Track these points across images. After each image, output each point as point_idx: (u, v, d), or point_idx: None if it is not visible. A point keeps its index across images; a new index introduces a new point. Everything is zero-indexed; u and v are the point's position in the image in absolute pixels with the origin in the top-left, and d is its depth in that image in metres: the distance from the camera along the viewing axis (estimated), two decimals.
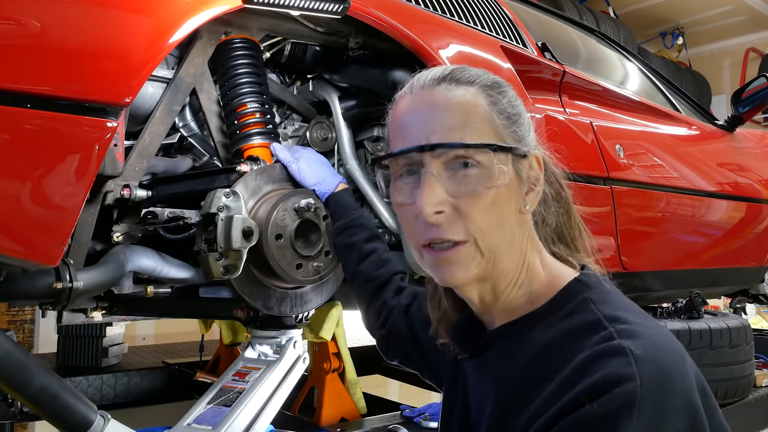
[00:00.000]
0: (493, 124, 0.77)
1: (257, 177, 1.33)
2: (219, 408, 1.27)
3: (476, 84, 0.79)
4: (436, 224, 0.75)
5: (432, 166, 0.75)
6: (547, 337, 0.74)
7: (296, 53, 1.60)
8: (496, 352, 0.81)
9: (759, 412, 2.31)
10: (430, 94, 0.79)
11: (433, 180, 0.75)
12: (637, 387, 0.62)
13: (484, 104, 0.78)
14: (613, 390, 0.63)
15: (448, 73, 0.80)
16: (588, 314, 0.73)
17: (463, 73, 0.80)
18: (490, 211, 0.75)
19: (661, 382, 0.64)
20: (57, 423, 1.11)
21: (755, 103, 2.74)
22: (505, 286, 0.80)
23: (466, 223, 0.75)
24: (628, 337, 0.67)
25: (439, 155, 0.75)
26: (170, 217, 1.26)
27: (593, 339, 0.69)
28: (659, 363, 0.66)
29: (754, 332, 2.48)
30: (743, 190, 2.68)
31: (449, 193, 0.75)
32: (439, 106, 0.77)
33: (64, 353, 2.56)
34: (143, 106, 1.33)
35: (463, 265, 0.76)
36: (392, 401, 2.10)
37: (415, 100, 0.80)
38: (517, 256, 0.79)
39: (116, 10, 1.07)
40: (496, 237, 0.76)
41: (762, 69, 6.60)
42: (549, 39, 2.19)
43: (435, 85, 0.79)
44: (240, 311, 1.37)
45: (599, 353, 0.67)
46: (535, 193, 0.81)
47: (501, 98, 0.80)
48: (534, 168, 0.80)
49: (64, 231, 1.03)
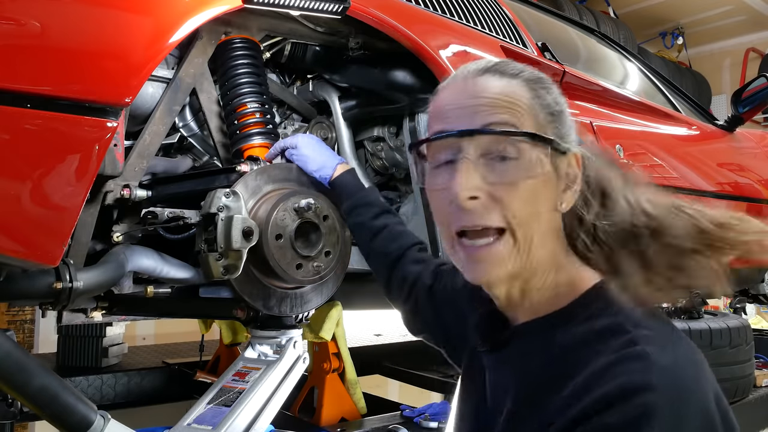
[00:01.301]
0: (535, 116, 0.76)
1: (257, 177, 1.33)
2: (219, 408, 1.27)
3: (520, 77, 0.79)
4: (471, 210, 0.73)
5: (470, 152, 0.74)
6: (569, 338, 0.74)
7: (296, 53, 1.60)
8: (517, 348, 0.81)
9: (759, 412, 2.32)
10: (472, 84, 0.78)
11: (470, 165, 0.74)
12: (654, 397, 0.62)
13: (527, 96, 0.77)
14: (632, 399, 0.62)
15: (492, 65, 0.79)
16: (610, 317, 0.72)
17: (507, 66, 0.80)
18: (527, 201, 0.74)
19: (679, 390, 0.64)
20: (57, 423, 1.11)
21: (755, 103, 2.74)
22: (533, 285, 0.79)
23: (502, 209, 0.73)
24: (649, 343, 0.67)
25: (477, 141, 0.74)
26: (170, 217, 1.26)
27: (615, 343, 0.68)
28: (679, 371, 0.65)
29: (754, 332, 2.49)
30: (743, 190, 2.68)
31: (486, 181, 0.73)
32: (480, 94, 0.76)
33: (64, 353, 2.57)
34: (143, 106, 1.33)
35: (496, 262, 0.75)
36: (392, 401, 2.10)
37: (457, 89, 0.79)
38: (549, 255, 0.78)
39: (116, 10, 1.07)
40: (532, 228, 0.74)
41: (762, 69, 6.59)
42: (549, 39, 2.19)
43: (478, 75, 0.78)
44: (240, 311, 1.37)
45: (621, 358, 0.66)
46: (572, 192, 0.79)
47: (545, 93, 0.79)
48: (573, 166, 0.79)
49: (64, 231, 1.03)
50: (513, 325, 0.84)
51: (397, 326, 1.29)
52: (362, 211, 1.28)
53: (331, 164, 1.34)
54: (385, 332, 3.45)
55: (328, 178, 1.33)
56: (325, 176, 1.34)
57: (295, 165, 1.38)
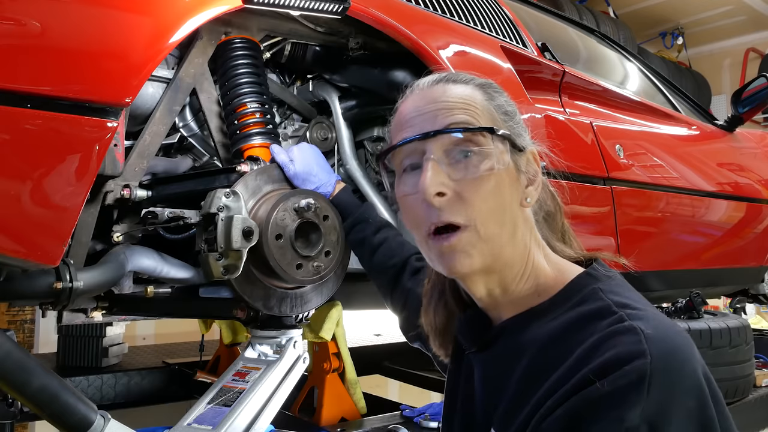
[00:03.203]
0: (491, 115, 0.82)
1: (257, 177, 1.33)
2: (219, 408, 1.27)
3: (472, 83, 0.84)
4: (438, 207, 0.77)
5: (434, 152, 0.78)
6: (557, 326, 0.75)
7: (296, 53, 1.60)
8: (505, 345, 0.82)
9: (759, 412, 2.31)
10: (429, 92, 0.83)
11: (435, 164, 0.78)
12: (647, 364, 0.64)
13: (481, 98, 0.82)
14: (623, 367, 0.64)
15: (445, 76, 0.85)
16: (598, 302, 0.75)
17: (459, 75, 0.86)
18: (490, 197, 0.78)
19: (671, 360, 0.65)
20: (57, 423, 1.11)
21: (755, 103, 2.74)
22: (511, 279, 0.81)
23: (467, 207, 0.77)
24: (639, 319, 0.69)
25: (440, 141, 0.79)
26: (170, 217, 1.26)
27: (604, 323, 0.71)
28: (669, 342, 0.67)
29: (754, 332, 2.48)
30: (743, 190, 2.68)
31: (451, 177, 0.78)
32: (439, 99, 0.82)
33: (64, 353, 2.56)
34: (143, 106, 1.33)
35: (465, 252, 0.78)
36: (392, 401, 2.09)
37: (416, 98, 0.84)
38: (521, 249, 0.81)
39: (116, 10, 1.07)
40: (496, 225, 0.78)
41: (762, 69, 6.60)
42: (549, 39, 2.19)
43: (434, 84, 0.84)
44: (240, 311, 1.37)
45: (611, 333, 0.68)
46: (535, 186, 0.83)
47: (497, 95, 0.85)
48: (531, 163, 0.84)
49: (64, 231, 1.03)
50: (497, 322, 0.85)
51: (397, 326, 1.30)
52: (362, 227, 1.34)
53: (329, 182, 1.38)
54: (385, 332, 3.45)
55: (326, 195, 1.38)
56: (325, 193, 1.38)
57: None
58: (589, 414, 0.65)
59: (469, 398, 0.88)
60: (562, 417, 0.66)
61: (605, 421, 0.63)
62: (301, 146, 1.41)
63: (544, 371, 0.72)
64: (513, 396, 0.77)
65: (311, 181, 1.36)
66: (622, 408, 0.63)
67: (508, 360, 0.80)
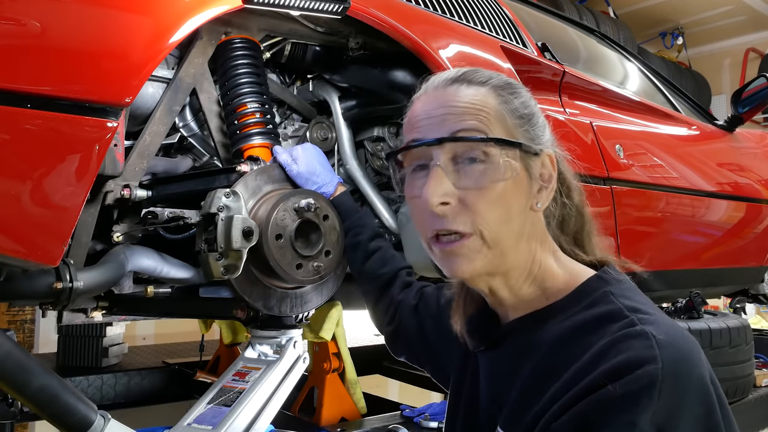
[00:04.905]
0: (503, 121, 0.80)
1: (257, 177, 1.33)
2: (219, 408, 1.27)
3: (487, 84, 0.82)
4: (442, 215, 0.77)
5: (440, 159, 0.78)
6: (567, 327, 0.75)
7: (296, 53, 1.60)
8: (512, 345, 0.82)
9: (759, 412, 2.32)
10: (442, 93, 0.82)
11: (440, 172, 0.77)
12: (659, 369, 0.64)
13: (494, 103, 0.80)
14: (635, 371, 0.64)
15: (461, 75, 0.83)
16: (609, 305, 0.75)
17: (475, 75, 0.83)
18: (496, 205, 0.77)
19: (681, 366, 0.66)
20: (57, 423, 1.11)
21: (755, 103, 2.74)
22: (515, 281, 0.81)
23: (471, 215, 0.76)
24: (649, 324, 0.69)
25: (446, 149, 0.78)
26: (170, 217, 1.26)
27: (615, 326, 0.71)
28: (679, 348, 0.67)
29: (754, 332, 2.49)
30: (743, 190, 2.68)
31: (456, 186, 0.77)
32: (449, 103, 0.80)
33: (64, 353, 2.56)
34: (143, 106, 1.33)
35: (468, 258, 0.78)
36: (392, 401, 2.10)
37: (428, 99, 0.83)
38: (526, 254, 0.80)
39: (116, 10, 1.07)
40: (502, 231, 0.77)
41: (762, 69, 6.60)
42: (549, 39, 2.19)
43: (447, 85, 0.82)
44: (240, 311, 1.37)
45: (622, 337, 0.68)
46: (548, 192, 0.82)
47: (513, 98, 0.82)
48: (546, 166, 0.82)
49: (64, 231, 1.03)
50: (504, 322, 0.85)
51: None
52: (359, 231, 1.34)
53: (331, 183, 1.38)
54: None
55: (326, 196, 1.37)
56: (326, 193, 1.37)
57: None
58: (599, 417, 0.65)
59: (473, 398, 0.88)
60: (572, 419, 0.66)
61: (616, 425, 0.63)
62: (305, 146, 1.41)
63: (553, 372, 0.72)
64: (521, 395, 0.77)
65: (314, 181, 1.36)
66: (634, 412, 0.63)
67: (515, 359, 0.80)
